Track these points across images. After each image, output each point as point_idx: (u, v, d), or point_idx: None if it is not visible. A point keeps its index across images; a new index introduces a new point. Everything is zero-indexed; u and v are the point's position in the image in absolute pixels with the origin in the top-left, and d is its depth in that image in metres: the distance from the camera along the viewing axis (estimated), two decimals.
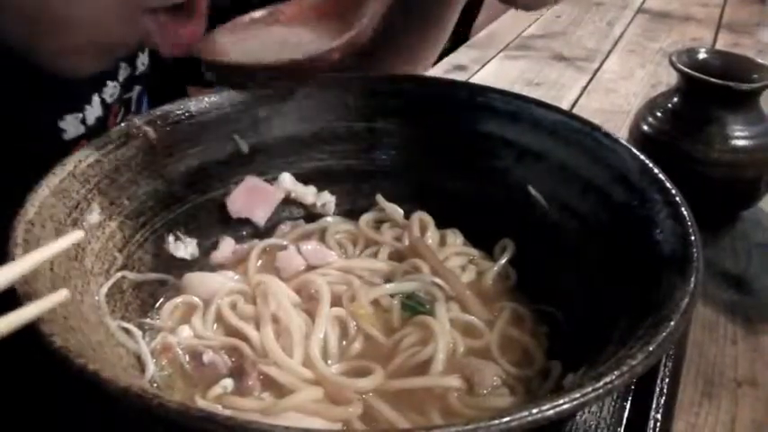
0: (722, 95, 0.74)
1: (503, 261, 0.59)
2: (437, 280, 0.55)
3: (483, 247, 0.60)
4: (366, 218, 0.63)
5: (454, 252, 0.59)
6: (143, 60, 0.70)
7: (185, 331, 0.51)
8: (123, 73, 0.67)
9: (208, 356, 0.48)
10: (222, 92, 0.60)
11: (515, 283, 0.58)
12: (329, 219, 0.63)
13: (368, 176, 0.64)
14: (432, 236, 0.60)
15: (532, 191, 0.59)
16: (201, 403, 0.45)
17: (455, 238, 0.61)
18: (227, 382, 0.47)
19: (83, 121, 0.62)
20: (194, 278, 0.56)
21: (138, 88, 0.71)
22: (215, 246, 0.60)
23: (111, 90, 0.65)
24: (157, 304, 0.54)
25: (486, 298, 0.56)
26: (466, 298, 0.55)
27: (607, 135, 0.56)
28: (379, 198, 0.63)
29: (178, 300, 0.54)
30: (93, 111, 0.63)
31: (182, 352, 0.49)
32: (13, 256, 0.41)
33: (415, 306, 0.54)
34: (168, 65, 0.82)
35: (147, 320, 0.52)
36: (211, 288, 0.54)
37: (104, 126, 0.64)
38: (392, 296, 0.55)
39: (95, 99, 0.63)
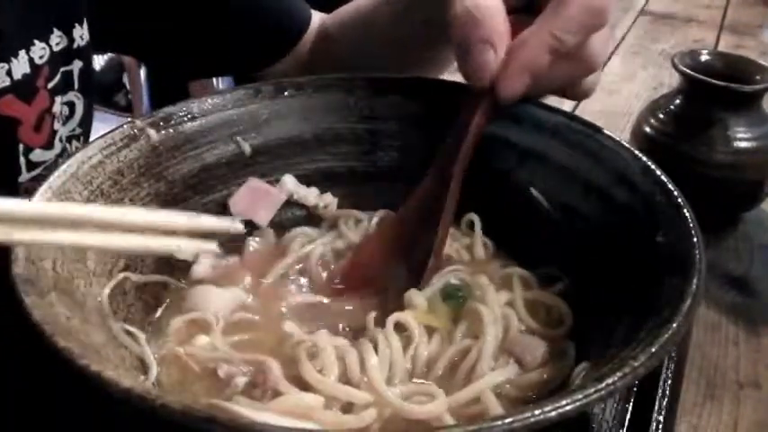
0: (724, 97, 0.74)
1: (479, 233, 0.60)
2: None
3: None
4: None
5: None
6: (81, 33, 0.71)
7: (201, 341, 0.50)
8: (57, 39, 0.68)
9: (223, 371, 0.48)
10: (224, 93, 0.60)
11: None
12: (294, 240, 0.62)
13: (370, 178, 0.64)
14: None
15: (534, 192, 0.59)
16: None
17: None
18: (240, 380, 0.46)
19: (8, 73, 0.63)
20: (201, 293, 0.55)
21: (78, 63, 0.71)
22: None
23: (41, 51, 0.66)
24: (159, 312, 0.54)
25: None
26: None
27: (609, 137, 0.56)
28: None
29: (188, 317, 0.52)
30: (20, 66, 0.64)
31: (194, 364, 0.48)
32: (15, 256, 0.41)
33: (454, 294, 0.54)
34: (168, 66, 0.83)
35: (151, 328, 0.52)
36: (220, 305, 0.53)
37: (33, 87, 0.66)
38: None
39: (22, 54, 0.65)
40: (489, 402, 0.45)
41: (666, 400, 0.55)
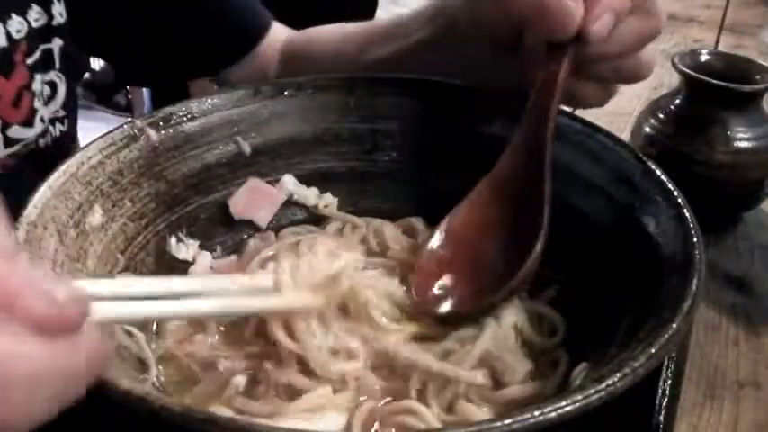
0: (724, 97, 0.74)
1: None
2: None
3: None
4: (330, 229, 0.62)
5: None
6: (60, 10, 0.70)
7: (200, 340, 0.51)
8: (36, 16, 0.68)
9: (222, 369, 0.48)
10: (224, 93, 0.60)
11: None
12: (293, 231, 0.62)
13: (370, 178, 0.64)
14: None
15: None
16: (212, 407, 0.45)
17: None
18: (240, 380, 0.46)
19: None
20: None
21: (58, 42, 0.71)
22: (216, 247, 0.60)
23: (18, 26, 0.65)
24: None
25: None
26: None
27: (609, 137, 0.56)
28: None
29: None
30: None
31: (193, 363, 0.49)
32: None
33: None
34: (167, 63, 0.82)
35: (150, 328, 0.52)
36: None
37: (11, 61, 0.65)
38: None
39: None
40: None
41: (666, 400, 0.55)
